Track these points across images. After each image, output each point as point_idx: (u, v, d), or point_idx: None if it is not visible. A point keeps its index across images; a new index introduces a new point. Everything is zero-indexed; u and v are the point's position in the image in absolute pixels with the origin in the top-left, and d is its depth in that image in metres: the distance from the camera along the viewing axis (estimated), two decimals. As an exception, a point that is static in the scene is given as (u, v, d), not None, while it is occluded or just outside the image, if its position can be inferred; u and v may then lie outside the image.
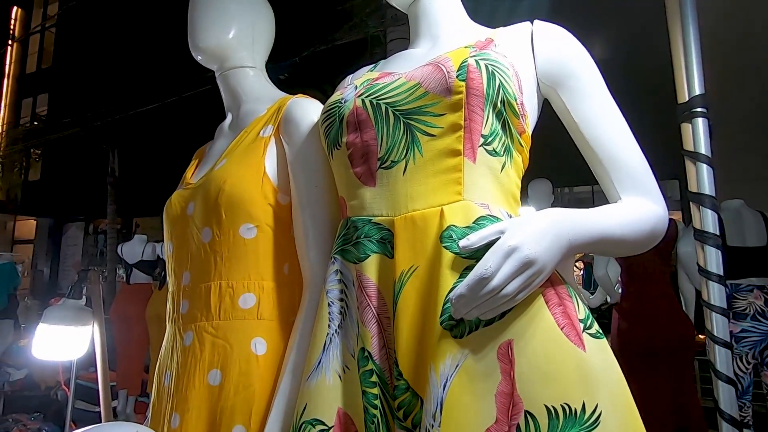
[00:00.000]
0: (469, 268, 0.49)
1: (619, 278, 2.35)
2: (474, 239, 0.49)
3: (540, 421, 0.45)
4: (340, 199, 0.64)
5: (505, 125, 0.57)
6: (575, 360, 0.48)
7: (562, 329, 0.49)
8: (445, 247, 0.51)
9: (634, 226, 0.56)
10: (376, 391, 0.53)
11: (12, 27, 11.53)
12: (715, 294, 0.85)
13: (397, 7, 0.75)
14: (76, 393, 1.37)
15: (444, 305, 0.49)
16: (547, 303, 0.50)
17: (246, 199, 0.70)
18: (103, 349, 1.23)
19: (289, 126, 0.72)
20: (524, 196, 2.60)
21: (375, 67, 0.75)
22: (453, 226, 0.52)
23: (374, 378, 0.53)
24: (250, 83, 0.84)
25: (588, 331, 0.51)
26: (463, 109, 0.54)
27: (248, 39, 0.84)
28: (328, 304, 0.60)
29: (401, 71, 0.63)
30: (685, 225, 2.18)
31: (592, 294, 2.55)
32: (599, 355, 0.49)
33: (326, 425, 0.54)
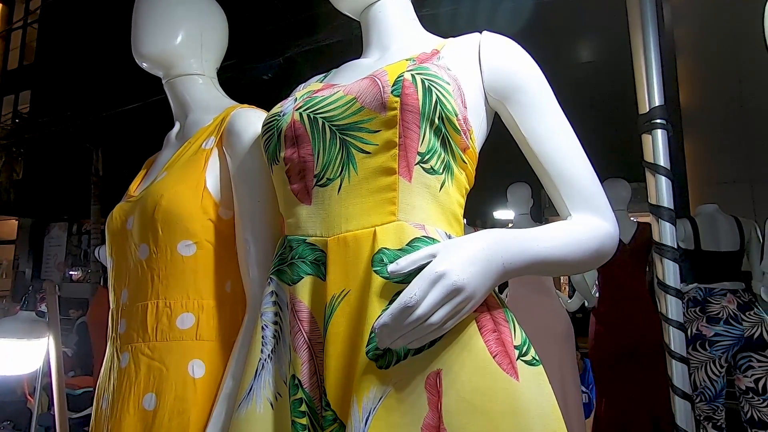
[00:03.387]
0: (399, 294, 0.47)
1: (596, 282, 2.36)
2: (403, 263, 0.47)
3: None
4: (280, 215, 0.62)
5: (444, 142, 0.55)
6: (507, 391, 0.46)
7: (494, 357, 0.47)
8: (375, 271, 0.49)
9: (577, 246, 0.55)
10: (304, 421, 0.51)
11: (-7, 22, 11.27)
12: (673, 308, 0.84)
13: (349, 15, 0.73)
14: (52, 401, 1.32)
15: (371, 334, 0.47)
16: (480, 329, 0.49)
17: (184, 214, 0.67)
18: (58, 362, 1.19)
19: (232, 138, 0.69)
20: (504, 200, 2.60)
21: (325, 77, 0.73)
22: (385, 248, 0.50)
23: (303, 407, 0.51)
24: (199, 92, 0.81)
25: (523, 358, 0.49)
26: (397, 126, 0.52)
27: (196, 46, 0.81)
28: (262, 328, 0.57)
29: (344, 83, 0.60)
30: (693, 230, 2.18)
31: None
32: (533, 385, 0.48)
33: None
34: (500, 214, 4.03)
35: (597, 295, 2.33)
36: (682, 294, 0.84)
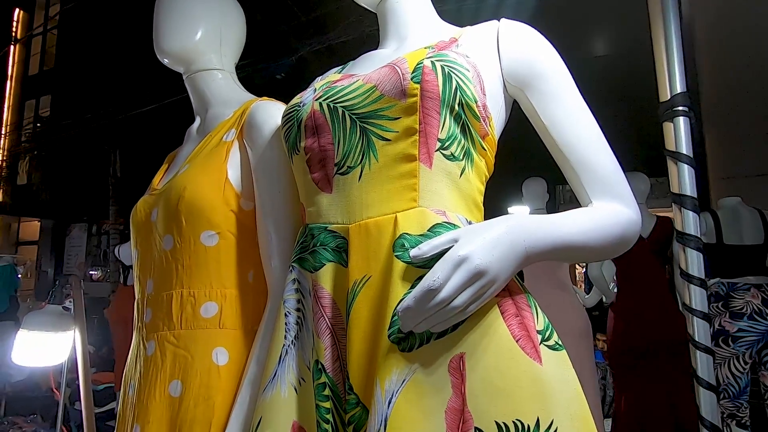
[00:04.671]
0: (421, 278, 0.47)
1: (614, 278, 2.32)
2: (425, 248, 0.48)
3: None
4: (301, 205, 0.63)
5: (464, 128, 0.55)
6: (530, 374, 0.46)
7: (517, 341, 0.47)
8: (396, 256, 0.49)
9: (600, 231, 0.54)
10: (328, 405, 0.51)
11: (14, 29, 11.58)
12: (697, 298, 0.82)
13: (366, 7, 0.73)
14: (76, 396, 1.36)
15: (393, 317, 0.48)
16: (502, 314, 0.49)
17: (206, 205, 0.68)
18: (84, 355, 1.22)
19: (252, 130, 0.70)
20: (519, 195, 2.57)
21: (343, 68, 0.73)
22: (406, 234, 0.50)
23: (327, 391, 0.52)
24: (218, 86, 0.82)
25: (546, 342, 0.49)
26: (418, 113, 0.52)
27: (215, 41, 0.82)
28: (285, 314, 0.58)
29: (363, 73, 0.61)
30: (715, 224, 2.14)
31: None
32: (556, 369, 0.48)
33: None
34: (515, 209, 3.99)
35: (615, 290, 2.30)
36: (706, 284, 0.82)
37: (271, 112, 0.70)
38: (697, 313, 0.82)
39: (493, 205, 0.63)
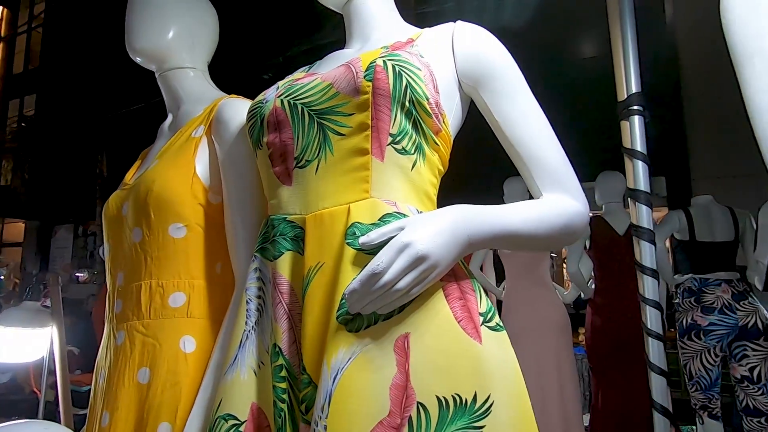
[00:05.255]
0: None
1: (592, 274, 2.38)
2: (374, 236, 0.51)
3: (431, 412, 0.46)
4: (265, 198, 0.66)
5: (416, 124, 0.58)
6: (470, 352, 0.49)
7: (459, 322, 0.51)
8: (347, 243, 0.52)
9: (545, 221, 0.58)
10: (284, 385, 0.54)
11: (-2, 27, 11.40)
12: (649, 288, 0.87)
13: (333, 8, 0.76)
14: (69, 400, 1.36)
15: (341, 300, 0.50)
16: (446, 297, 0.52)
17: (175, 199, 0.70)
18: (62, 351, 1.23)
19: (220, 126, 0.73)
20: (500, 193, 2.62)
21: (310, 68, 0.76)
22: (358, 223, 0.53)
23: (283, 373, 0.55)
24: (190, 84, 0.84)
25: (487, 324, 0.52)
26: (370, 109, 0.55)
27: (188, 40, 0.84)
28: (246, 302, 0.61)
29: (324, 72, 0.64)
30: (688, 222, 2.20)
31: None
32: (495, 348, 0.51)
33: (239, 420, 0.55)
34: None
35: (593, 287, 2.35)
36: (657, 275, 0.87)
37: (238, 109, 0.73)
38: (649, 302, 0.86)
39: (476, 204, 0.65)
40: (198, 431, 0.61)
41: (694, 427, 2.17)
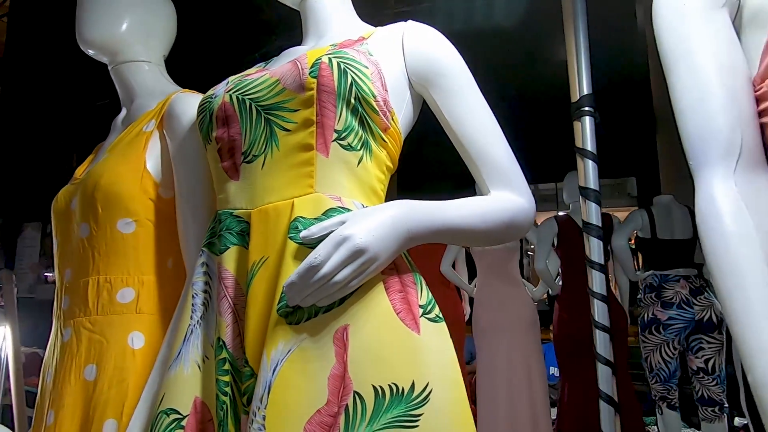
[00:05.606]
0: None
1: (559, 271, 2.44)
2: (314, 230, 0.51)
3: (367, 401, 0.48)
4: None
5: (362, 121, 0.59)
6: (408, 343, 0.50)
7: (398, 314, 0.52)
8: (290, 237, 0.53)
9: (488, 217, 0.59)
10: (227, 378, 0.55)
11: (-41, 16, 10.88)
12: (596, 281, 0.90)
13: (290, 6, 0.77)
14: (23, 400, 1.31)
15: (282, 293, 0.51)
16: (387, 290, 0.53)
17: (123, 193, 0.70)
18: (16, 351, 1.20)
19: (171, 121, 0.72)
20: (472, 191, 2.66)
21: (266, 63, 0.76)
22: (301, 217, 0.54)
23: (227, 366, 0.55)
24: (144, 78, 0.83)
25: (427, 315, 0.54)
26: (314, 105, 0.56)
27: (142, 33, 0.83)
28: (192, 296, 0.61)
29: (275, 68, 0.64)
30: (650, 220, 2.28)
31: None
32: (434, 339, 0.52)
33: (181, 414, 0.55)
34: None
35: (560, 283, 2.42)
36: (606, 269, 0.90)
37: (191, 103, 0.72)
38: (596, 296, 0.90)
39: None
40: (142, 427, 0.60)
41: (655, 418, 2.26)
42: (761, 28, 0.49)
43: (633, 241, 2.46)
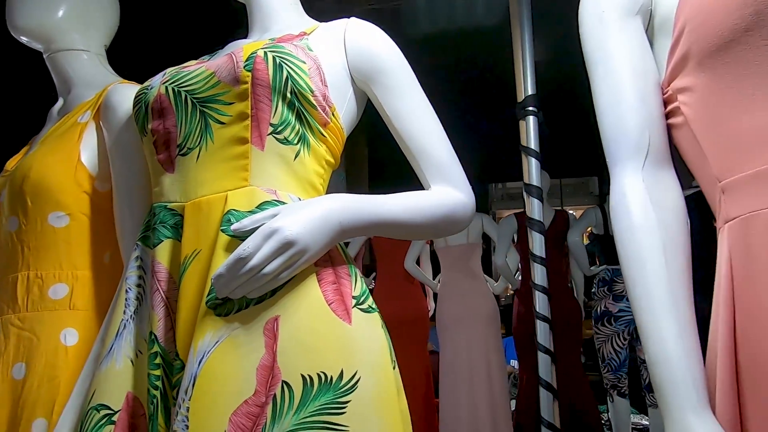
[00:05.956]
0: None
1: (519, 266, 2.52)
2: (246, 222, 0.52)
3: (295, 390, 0.48)
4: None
5: (299, 115, 0.59)
6: (338, 333, 0.52)
7: (330, 305, 0.53)
8: (222, 230, 0.53)
9: (425, 211, 0.61)
10: (158, 372, 0.54)
11: None
12: (538, 274, 0.94)
13: None
14: None
15: (212, 286, 0.51)
16: (320, 281, 0.54)
17: (54, 186, 0.68)
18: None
19: (108, 112, 0.71)
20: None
21: (211, 56, 0.75)
22: (234, 210, 0.54)
23: (158, 360, 0.54)
24: (82, 67, 0.81)
25: (359, 306, 0.55)
26: (249, 99, 0.56)
27: (80, 21, 0.80)
28: (126, 291, 0.60)
29: (213, 60, 0.64)
30: (603, 218, 2.37)
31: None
32: (365, 328, 0.54)
33: (112, 410, 0.55)
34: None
35: (520, 278, 2.49)
36: (545, 262, 0.94)
37: (128, 95, 0.70)
38: (538, 288, 0.94)
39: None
40: (71, 424, 0.59)
41: (606, 406, 2.38)
42: (667, 35, 0.52)
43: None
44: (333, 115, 0.63)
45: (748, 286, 0.42)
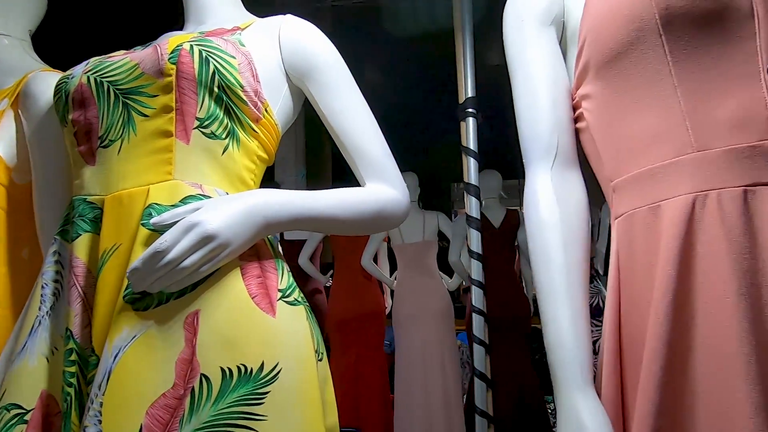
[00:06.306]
0: None
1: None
2: (166, 216, 0.51)
3: (213, 382, 0.49)
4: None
5: (228, 110, 0.59)
6: (260, 325, 0.52)
7: (253, 298, 0.53)
8: (142, 224, 0.53)
9: (355, 207, 0.62)
10: (73, 369, 0.53)
11: None
12: (475, 270, 0.98)
13: None
14: None
15: (128, 280, 0.51)
16: (244, 275, 0.54)
17: None
18: None
19: (27, 100, 0.67)
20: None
21: (145, 47, 0.74)
22: (156, 204, 0.54)
23: (74, 356, 0.53)
24: (2, 53, 0.76)
25: (285, 299, 0.56)
26: (174, 92, 0.56)
27: (0, 4, 0.76)
28: (42, 286, 0.58)
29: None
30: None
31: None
32: (290, 321, 0.55)
33: (24, 408, 0.53)
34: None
35: (472, 275, 2.57)
36: (482, 257, 0.99)
37: (50, 83, 0.68)
38: (475, 282, 0.98)
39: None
40: None
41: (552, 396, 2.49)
42: (575, 45, 0.57)
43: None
44: (266, 111, 0.63)
45: (630, 275, 0.47)
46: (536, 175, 0.56)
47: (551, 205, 0.54)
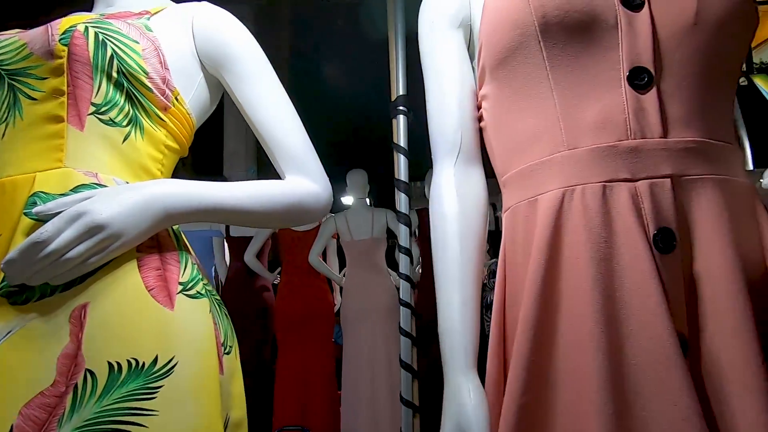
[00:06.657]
0: None
1: (420, 260, 2.66)
2: (51, 205, 0.49)
3: (99, 377, 0.47)
4: None
5: (130, 97, 0.57)
6: (156, 318, 0.51)
7: (149, 291, 0.52)
8: (24, 213, 0.50)
9: (268, 199, 0.61)
10: None
11: None
12: (403, 265, 1.01)
13: None
14: None
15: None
16: (141, 267, 0.53)
17: None
18: None
19: None
20: (344, 185, 2.74)
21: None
22: (42, 192, 0.51)
23: None
24: None
25: (186, 292, 0.55)
26: (65, 75, 0.53)
27: None
28: None
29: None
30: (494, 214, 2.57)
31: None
32: (189, 314, 0.54)
33: None
34: (347, 200, 4.22)
35: (419, 271, 2.63)
36: (411, 252, 1.01)
37: None
38: (402, 276, 1.00)
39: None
40: None
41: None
42: (477, 48, 0.59)
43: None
44: (176, 99, 0.61)
45: (513, 265, 0.50)
46: (441, 170, 0.58)
47: (452, 198, 0.56)
